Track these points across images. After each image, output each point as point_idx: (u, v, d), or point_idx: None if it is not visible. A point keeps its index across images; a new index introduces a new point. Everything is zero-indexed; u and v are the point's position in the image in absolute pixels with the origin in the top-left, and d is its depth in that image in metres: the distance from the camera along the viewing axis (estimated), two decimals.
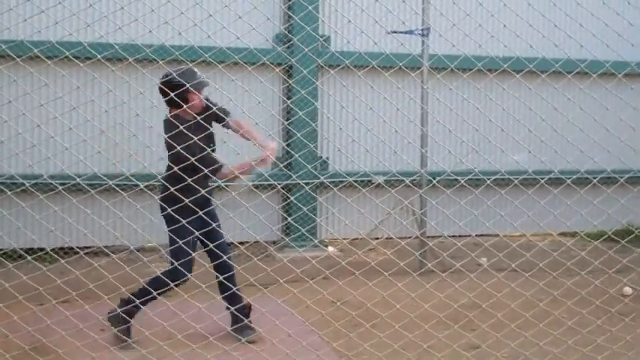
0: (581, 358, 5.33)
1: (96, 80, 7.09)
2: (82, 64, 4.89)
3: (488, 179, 5.11)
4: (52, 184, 7.08)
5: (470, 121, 7.90)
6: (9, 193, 4.83)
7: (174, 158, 5.22)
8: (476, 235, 6.14)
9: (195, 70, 5.79)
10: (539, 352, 5.25)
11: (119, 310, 5.87)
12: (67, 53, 5.15)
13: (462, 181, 5.03)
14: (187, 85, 5.44)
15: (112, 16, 6.17)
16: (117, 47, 5.11)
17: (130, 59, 5.38)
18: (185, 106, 5.66)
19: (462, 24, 7.00)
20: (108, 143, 7.68)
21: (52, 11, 6.66)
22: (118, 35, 7.48)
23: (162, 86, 5.61)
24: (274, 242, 9.97)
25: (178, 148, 4.93)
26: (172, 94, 5.31)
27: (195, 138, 5.06)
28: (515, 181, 4.97)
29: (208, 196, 5.80)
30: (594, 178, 5.44)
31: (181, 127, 5.20)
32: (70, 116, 7.54)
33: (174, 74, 5.49)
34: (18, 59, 4.83)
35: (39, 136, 7.81)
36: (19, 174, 6.83)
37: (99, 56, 5.04)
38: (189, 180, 4.63)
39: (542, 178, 5.41)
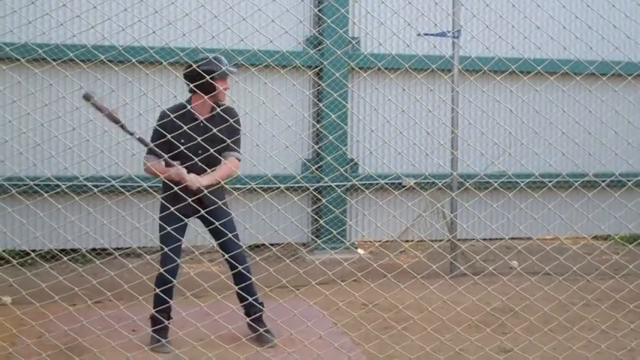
0: None
1: (130, 84, 7.16)
2: (116, 68, 4.94)
3: (522, 182, 5.08)
4: (86, 185, 7.18)
5: (500, 124, 7.87)
6: (45, 195, 4.89)
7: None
8: (506, 239, 6.11)
9: (222, 57, 5.74)
10: (572, 355, 5.21)
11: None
12: (102, 57, 5.22)
13: (495, 184, 5.02)
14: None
15: (146, 20, 6.27)
16: (150, 51, 5.14)
17: (164, 62, 5.42)
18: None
19: (494, 26, 6.99)
20: (141, 146, 7.73)
21: (86, 16, 6.75)
22: (151, 39, 7.60)
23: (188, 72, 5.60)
24: (304, 244, 9.99)
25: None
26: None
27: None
28: (549, 184, 4.94)
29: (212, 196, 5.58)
30: (628, 180, 5.39)
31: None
32: (104, 119, 7.60)
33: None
34: (53, 63, 4.90)
35: (73, 138, 7.89)
36: (55, 176, 6.92)
37: (133, 60, 5.09)
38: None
39: (575, 181, 5.36)
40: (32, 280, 4.76)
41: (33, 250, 7.21)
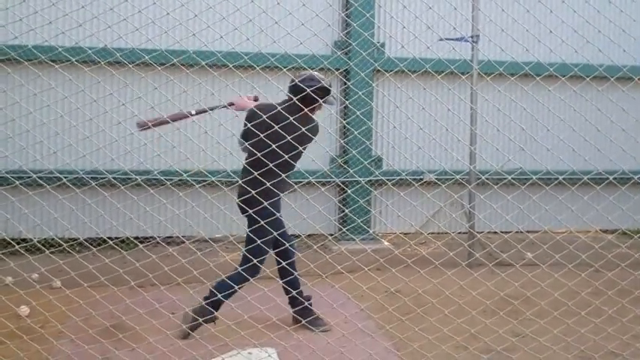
0: (619, 346, 5.33)
1: (172, 82, 7.28)
2: (159, 67, 5.07)
3: (535, 177, 5.12)
4: (130, 177, 7.31)
5: (514, 123, 7.88)
6: (93, 184, 5.03)
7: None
8: (520, 231, 6.15)
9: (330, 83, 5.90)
10: (580, 339, 5.26)
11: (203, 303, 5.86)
12: (146, 57, 5.34)
13: (509, 177, 5.07)
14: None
15: (187, 24, 6.38)
16: (191, 51, 5.27)
17: (203, 62, 5.55)
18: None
19: (510, 30, 7.00)
20: (181, 139, 7.88)
21: (132, 19, 6.87)
22: (191, 41, 7.71)
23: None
24: (330, 235, 10.07)
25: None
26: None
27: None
28: (560, 178, 4.98)
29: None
30: (635, 176, 5.41)
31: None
32: (147, 114, 7.75)
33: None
34: (102, 62, 5.04)
35: (118, 132, 8.02)
36: (107, 169, 7.05)
37: (175, 60, 5.23)
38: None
39: (584, 176, 5.37)
40: (80, 264, 4.89)
41: (82, 239, 7.38)
